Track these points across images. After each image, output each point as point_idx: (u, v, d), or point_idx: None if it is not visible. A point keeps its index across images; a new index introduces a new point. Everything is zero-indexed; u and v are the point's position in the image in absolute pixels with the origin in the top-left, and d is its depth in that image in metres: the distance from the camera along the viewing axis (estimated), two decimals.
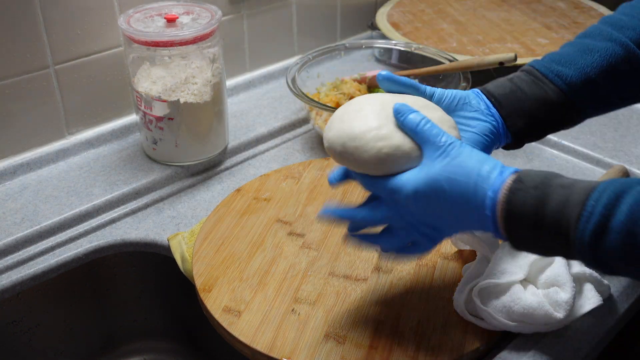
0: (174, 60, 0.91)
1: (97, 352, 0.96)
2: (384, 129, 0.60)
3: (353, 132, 0.60)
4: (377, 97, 0.64)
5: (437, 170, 0.57)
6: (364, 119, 0.60)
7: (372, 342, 0.68)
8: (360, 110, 0.62)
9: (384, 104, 0.62)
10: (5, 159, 0.97)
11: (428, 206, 0.58)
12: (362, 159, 0.60)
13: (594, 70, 0.68)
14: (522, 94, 0.68)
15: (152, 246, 0.87)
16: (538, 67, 0.70)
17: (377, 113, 0.61)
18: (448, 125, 0.62)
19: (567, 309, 0.67)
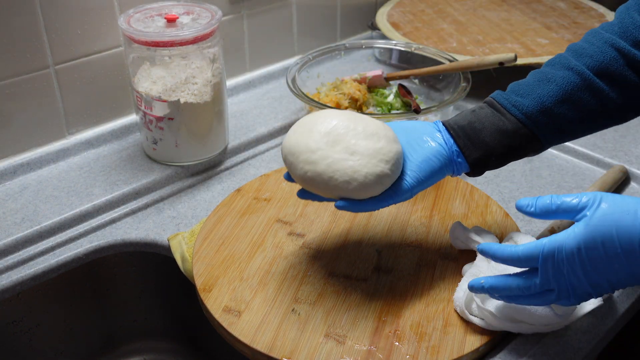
0: (174, 60, 0.91)
1: (97, 352, 0.96)
2: (317, 154, 0.67)
3: (293, 148, 0.68)
4: (335, 116, 0.69)
5: (597, 221, 0.57)
6: (307, 139, 0.68)
7: (372, 342, 0.68)
8: (311, 130, 0.68)
9: (334, 127, 0.68)
10: (5, 159, 0.97)
11: (593, 261, 0.57)
12: (293, 173, 0.69)
13: (550, 99, 0.70)
14: (480, 125, 0.71)
15: (152, 246, 0.87)
16: (498, 98, 0.72)
17: (322, 135, 0.68)
18: (380, 158, 0.67)
19: (568, 310, 0.67)
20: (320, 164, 0.66)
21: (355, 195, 0.67)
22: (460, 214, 0.86)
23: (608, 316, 0.72)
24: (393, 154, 0.67)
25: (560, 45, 1.19)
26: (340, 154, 0.67)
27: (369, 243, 0.81)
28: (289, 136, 0.70)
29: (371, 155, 0.67)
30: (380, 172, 0.66)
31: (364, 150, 0.67)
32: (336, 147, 0.67)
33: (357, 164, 0.66)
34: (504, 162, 0.72)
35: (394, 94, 1.12)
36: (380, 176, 0.66)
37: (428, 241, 0.81)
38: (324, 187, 0.67)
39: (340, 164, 0.66)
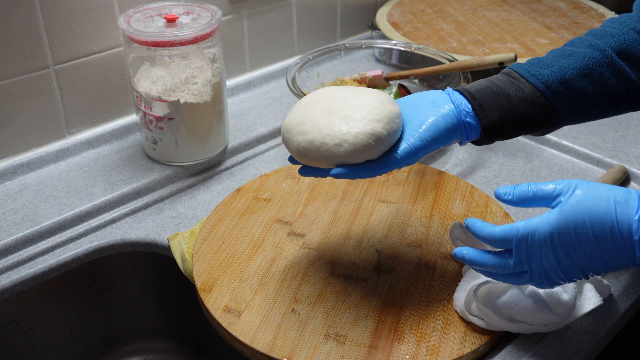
0: (174, 60, 0.91)
1: (97, 352, 0.96)
2: (309, 124, 0.67)
3: (287, 125, 0.69)
4: (326, 91, 0.71)
5: (571, 207, 0.58)
6: (299, 113, 0.69)
7: (372, 342, 0.68)
8: (304, 105, 0.70)
9: (322, 98, 0.69)
10: (5, 159, 0.97)
11: (566, 247, 0.58)
12: (290, 151, 0.69)
13: (571, 71, 0.69)
14: (498, 90, 0.68)
15: (152, 246, 0.87)
16: (516, 69, 0.71)
17: (313, 107, 0.68)
18: (369, 119, 0.65)
19: (568, 310, 0.67)
20: (311, 132, 0.66)
21: (350, 159, 0.65)
22: (460, 214, 0.86)
23: (608, 316, 0.72)
24: (386, 112, 0.66)
25: (560, 45, 1.19)
26: (332, 119, 0.66)
27: (369, 243, 0.81)
28: (286, 117, 0.70)
29: (362, 116, 0.65)
30: (372, 131, 0.64)
31: (356, 114, 0.66)
32: (328, 116, 0.66)
33: (347, 125, 0.65)
34: (518, 131, 0.69)
35: (394, 93, 1.12)
36: (372, 135, 0.64)
37: (428, 241, 0.81)
38: (318, 156, 0.65)
39: (331, 129, 0.65)
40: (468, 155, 1.03)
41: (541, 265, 0.60)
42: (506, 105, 0.68)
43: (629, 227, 0.56)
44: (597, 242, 0.57)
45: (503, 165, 1.00)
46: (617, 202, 0.57)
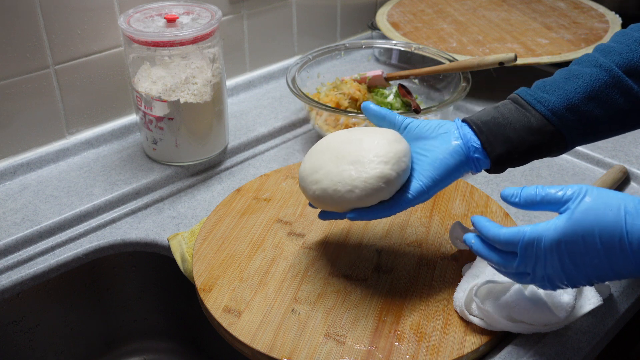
0: (174, 60, 0.91)
1: (97, 352, 0.96)
2: (320, 172, 0.69)
3: (301, 174, 0.73)
4: (335, 135, 0.73)
5: (579, 215, 0.57)
6: (311, 161, 0.72)
7: (372, 342, 0.68)
8: (314, 152, 0.72)
9: (329, 143, 0.72)
10: (5, 159, 0.97)
11: (572, 255, 0.58)
12: (308, 198, 0.72)
13: (577, 95, 0.68)
14: (504, 121, 0.69)
15: (152, 246, 0.87)
16: (522, 95, 0.71)
17: (322, 153, 0.71)
18: (377, 162, 0.67)
19: (568, 310, 0.67)
20: (324, 180, 0.69)
21: (362, 203, 0.67)
22: (460, 214, 0.86)
23: (608, 316, 0.72)
24: (393, 153, 0.67)
25: (560, 45, 1.19)
26: (342, 166, 0.68)
27: (369, 243, 0.81)
28: (300, 166, 0.74)
29: (370, 159, 0.67)
30: (381, 174, 0.66)
31: (364, 158, 0.67)
32: (339, 162, 0.69)
33: (356, 171, 0.67)
34: (527, 159, 0.70)
35: (394, 94, 1.12)
36: (382, 177, 0.66)
37: (428, 241, 0.81)
38: (332, 202, 0.68)
39: (341, 175, 0.67)
40: None
41: (545, 271, 0.59)
42: (513, 137, 0.68)
43: (639, 237, 0.55)
44: (605, 252, 0.56)
45: None
46: (628, 211, 0.55)
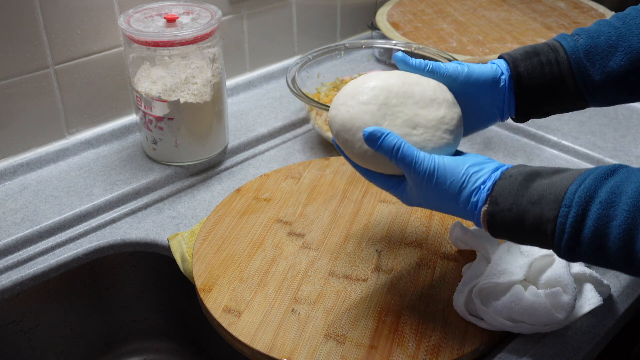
0: (174, 60, 0.91)
1: (97, 352, 0.96)
2: (385, 124, 0.63)
3: (347, 124, 0.64)
4: (389, 81, 0.65)
5: (423, 196, 0.62)
6: (363, 113, 0.63)
7: (372, 342, 0.68)
8: (363, 96, 0.64)
9: (390, 90, 0.64)
10: (5, 159, 0.97)
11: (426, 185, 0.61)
12: (349, 151, 0.65)
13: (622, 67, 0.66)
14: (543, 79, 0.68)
15: (152, 246, 0.87)
16: (572, 62, 0.68)
17: (378, 106, 0.63)
18: (444, 129, 0.64)
19: (568, 310, 0.67)
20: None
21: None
22: None
23: (608, 316, 0.72)
24: (456, 121, 0.65)
25: None
26: (402, 129, 0.63)
27: (369, 243, 0.81)
28: (338, 109, 0.65)
29: (435, 126, 0.63)
30: (446, 145, 0.64)
31: (427, 122, 0.63)
32: (396, 121, 0.63)
33: (421, 138, 0.63)
34: (548, 92, 0.68)
35: None
36: (446, 148, 0.64)
37: (428, 241, 0.81)
38: (386, 166, 0.63)
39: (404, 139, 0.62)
40: None
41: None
42: (536, 61, 0.68)
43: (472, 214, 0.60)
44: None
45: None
46: (462, 202, 0.60)
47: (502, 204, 0.57)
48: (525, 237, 0.58)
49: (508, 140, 1.07)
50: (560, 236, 0.55)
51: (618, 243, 0.52)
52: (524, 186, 0.57)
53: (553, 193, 0.55)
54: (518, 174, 0.58)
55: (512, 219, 0.57)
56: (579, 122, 1.09)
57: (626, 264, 0.53)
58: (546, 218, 0.55)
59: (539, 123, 1.08)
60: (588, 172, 0.56)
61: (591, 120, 1.10)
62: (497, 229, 0.59)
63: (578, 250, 0.54)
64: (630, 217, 0.51)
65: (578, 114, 1.11)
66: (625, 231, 0.51)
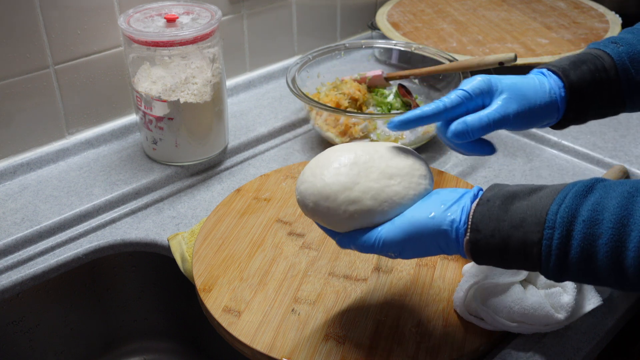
0: (174, 60, 0.91)
1: (97, 352, 0.96)
2: (355, 190, 0.61)
3: (325, 192, 0.61)
4: (350, 147, 0.65)
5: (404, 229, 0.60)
6: (335, 175, 0.61)
7: (372, 342, 0.68)
8: (332, 164, 0.62)
9: (356, 154, 0.63)
10: (5, 159, 0.97)
11: (401, 248, 0.60)
12: (333, 220, 0.62)
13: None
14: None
15: (152, 246, 0.87)
16: (619, 68, 0.68)
17: (349, 167, 0.62)
18: (418, 174, 0.63)
19: (568, 311, 0.67)
20: (364, 200, 0.60)
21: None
22: None
23: (608, 316, 0.72)
24: (425, 166, 0.64)
25: (560, 45, 1.19)
26: (380, 181, 0.61)
27: None
28: (309, 182, 0.62)
29: (409, 173, 0.62)
30: (425, 190, 0.62)
31: (400, 171, 0.62)
32: (371, 175, 0.61)
33: (401, 187, 0.61)
34: (595, 99, 0.68)
35: (393, 93, 1.12)
36: (425, 194, 0.63)
37: None
38: (375, 223, 0.61)
39: (385, 192, 0.61)
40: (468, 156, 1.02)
41: None
42: (584, 69, 0.68)
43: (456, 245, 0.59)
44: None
45: (503, 165, 1.00)
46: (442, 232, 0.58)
47: (483, 230, 0.56)
48: (511, 262, 0.56)
49: (508, 140, 1.07)
50: (547, 259, 0.53)
51: (607, 262, 0.51)
52: (503, 210, 0.56)
53: (534, 214, 0.54)
54: (495, 198, 0.57)
55: (496, 245, 0.55)
56: None
57: (618, 281, 0.52)
58: (530, 241, 0.54)
59: None
60: (566, 189, 0.55)
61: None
62: (482, 256, 0.57)
63: (567, 272, 0.54)
64: (616, 235, 0.50)
65: None
66: (613, 249, 0.51)
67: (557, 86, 0.68)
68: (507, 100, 0.65)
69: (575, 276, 0.54)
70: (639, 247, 0.49)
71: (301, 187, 0.63)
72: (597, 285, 0.55)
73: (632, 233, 0.50)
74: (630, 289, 0.53)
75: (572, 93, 0.68)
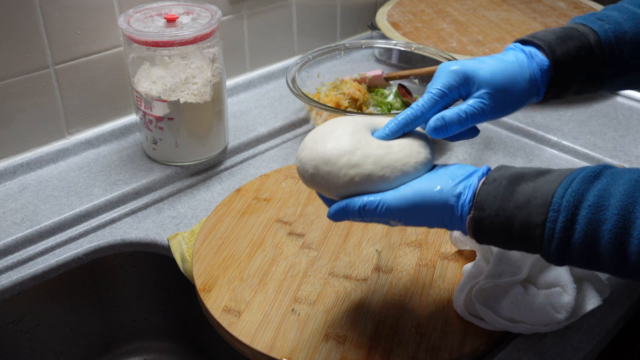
0: (174, 60, 0.91)
1: (97, 352, 0.96)
2: (357, 154, 0.60)
3: (325, 155, 0.60)
4: (350, 118, 0.65)
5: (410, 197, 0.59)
6: (337, 140, 0.61)
7: (372, 342, 0.68)
8: (333, 132, 0.62)
9: (357, 125, 0.63)
10: (5, 159, 0.97)
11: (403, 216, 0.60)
12: (333, 184, 0.60)
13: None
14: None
15: (152, 246, 0.87)
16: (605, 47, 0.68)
17: (350, 135, 0.61)
18: (418, 144, 0.63)
19: (568, 311, 0.67)
20: (365, 165, 0.59)
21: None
22: None
23: (608, 316, 0.72)
24: (424, 137, 0.64)
25: None
26: (380, 149, 0.61)
27: (369, 243, 0.81)
28: (310, 148, 0.62)
29: (409, 142, 0.62)
30: (425, 159, 0.62)
31: (400, 140, 0.62)
32: (372, 143, 0.61)
33: (402, 154, 0.61)
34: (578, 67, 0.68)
35: (393, 93, 1.12)
36: (426, 163, 0.62)
37: (428, 241, 0.81)
38: (372, 186, 0.60)
39: (387, 159, 0.60)
40: (468, 156, 1.03)
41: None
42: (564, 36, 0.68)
43: (460, 222, 0.59)
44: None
45: None
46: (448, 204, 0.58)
47: (488, 209, 0.56)
48: (513, 243, 0.57)
49: (508, 140, 1.07)
50: (549, 241, 0.54)
51: (610, 248, 0.51)
52: (509, 190, 0.56)
53: (540, 197, 0.54)
54: (502, 178, 0.57)
55: (499, 224, 0.56)
56: (579, 122, 1.09)
57: (619, 268, 0.52)
58: (534, 223, 0.54)
59: (539, 123, 1.08)
60: (574, 174, 0.55)
61: (591, 120, 1.10)
62: (484, 235, 0.57)
63: (568, 255, 0.54)
64: (621, 221, 0.50)
65: (578, 114, 1.11)
66: (617, 235, 0.51)
67: (539, 67, 0.67)
68: (484, 95, 0.65)
69: (575, 261, 0.54)
70: None
71: (301, 154, 0.63)
72: (595, 270, 0.55)
73: (637, 221, 0.50)
74: (629, 277, 0.54)
75: (556, 70, 0.67)
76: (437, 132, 0.64)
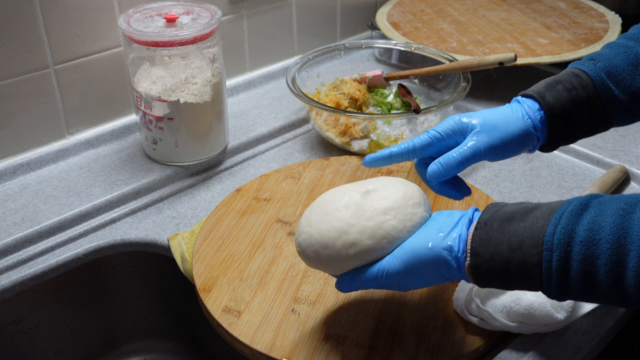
0: (174, 60, 0.91)
1: (97, 352, 0.96)
2: (352, 233, 0.61)
3: (323, 241, 0.62)
4: (341, 190, 0.65)
5: (403, 264, 0.60)
6: (330, 222, 0.62)
7: (372, 342, 0.68)
8: (326, 213, 0.63)
9: (348, 197, 0.63)
10: (5, 159, 0.97)
11: (403, 279, 0.61)
12: (335, 266, 0.62)
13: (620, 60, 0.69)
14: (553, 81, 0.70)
15: (152, 246, 0.87)
16: (597, 84, 0.69)
17: (343, 210, 0.62)
18: (412, 204, 0.63)
19: (568, 310, 0.67)
20: (362, 241, 0.60)
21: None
22: None
23: (608, 316, 0.72)
24: (418, 192, 0.64)
25: (560, 45, 1.19)
26: (375, 218, 0.61)
27: None
28: (306, 233, 0.63)
29: (402, 204, 0.62)
30: (421, 219, 0.62)
31: (393, 203, 0.62)
32: (365, 214, 0.61)
33: (397, 220, 0.61)
34: (577, 119, 0.69)
35: (393, 93, 1.12)
36: (422, 222, 0.62)
37: None
38: (377, 258, 0.61)
39: (382, 229, 0.61)
40: None
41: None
42: (560, 88, 0.69)
43: (459, 275, 0.59)
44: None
45: (503, 165, 1.00)
46: (444, 264, 0.59)
47: (483, 254, 0.56)
48: (513, 283, 0.56)
49: None
50: (547, 280, 0.54)
51: (607, 282, 0.51)
52: (500, 232, 0.56)
53: (532, 237, 0.54)
54: (492, 221, 0.57)
55: (497, 268, 0.56)
56: None
57: (619, 299, 0.52)
58: (531, 264, 0.54)
59: None
60: (561, 208, 0.55)
61: None
62: (483, 280, 0.57)
63: (568, 292, 0.54)
64: (615, 255, 0.50)
65: None
66: (612, 269, 0.51)
67: (532, 111, 0.68)
68: (477, 134, 0.67)
69: (577, 295, 0.54)
70: (637, 266, 0.49)
71: (299, 239, 0.64)
72: (598, 303, 0.55)
73: (631, 253, 0.50)
74: (631, 306, 0.54)
75: (551, 114, 0.68)
76: (436, 176, 0.67)
